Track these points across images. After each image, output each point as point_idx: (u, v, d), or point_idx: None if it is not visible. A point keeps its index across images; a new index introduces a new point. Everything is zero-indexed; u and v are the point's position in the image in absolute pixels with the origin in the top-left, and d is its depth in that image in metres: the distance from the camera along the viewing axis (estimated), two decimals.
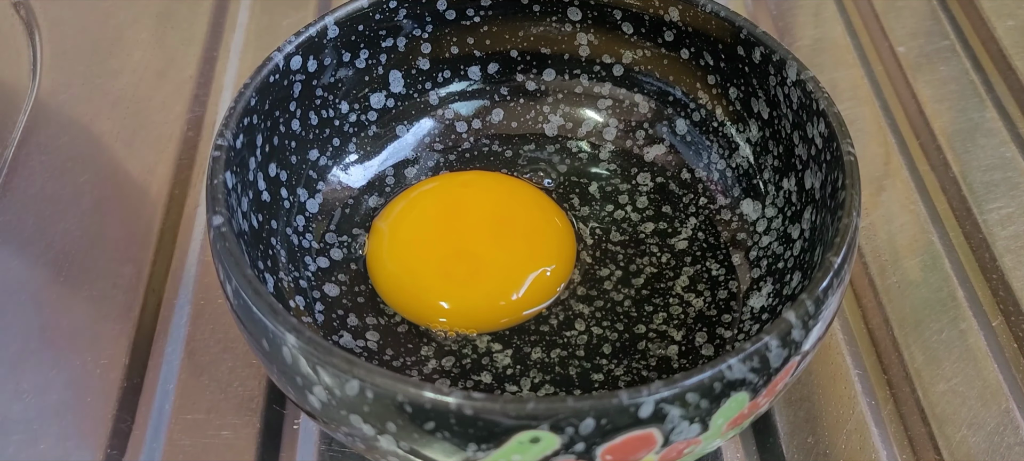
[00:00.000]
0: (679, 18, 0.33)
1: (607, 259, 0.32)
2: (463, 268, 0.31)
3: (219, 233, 0.25)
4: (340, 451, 0.30)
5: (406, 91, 0.35)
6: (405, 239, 0.32)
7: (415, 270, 0.31)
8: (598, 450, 0.22)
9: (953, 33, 0.45)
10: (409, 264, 0.31)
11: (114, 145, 0.39)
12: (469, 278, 0.31)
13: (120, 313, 0.34)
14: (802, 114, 0.30)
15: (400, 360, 0.29)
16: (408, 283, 0.31)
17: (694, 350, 0.30)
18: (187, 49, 0.43)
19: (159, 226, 0.36)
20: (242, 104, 0.29)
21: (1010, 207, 0.37)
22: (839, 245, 0.25)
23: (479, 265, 0.31)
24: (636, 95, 0.35)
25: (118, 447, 0.31)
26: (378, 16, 0.33)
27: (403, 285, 0.31)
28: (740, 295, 0.31)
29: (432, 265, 0.31)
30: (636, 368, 0.29)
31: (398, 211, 0.33)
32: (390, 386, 0.22)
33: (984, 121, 0.41)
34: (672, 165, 0.34)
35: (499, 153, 0.35)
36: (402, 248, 0.32)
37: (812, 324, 0.24)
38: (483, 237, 0.32)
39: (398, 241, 0.32)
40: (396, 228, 0.32)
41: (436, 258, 0.31)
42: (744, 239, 0.32)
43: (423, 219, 0.32)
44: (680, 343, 0.30)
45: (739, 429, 0.25)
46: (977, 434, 0.31)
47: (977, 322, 0.34)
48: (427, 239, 0.32)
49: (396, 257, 0.31)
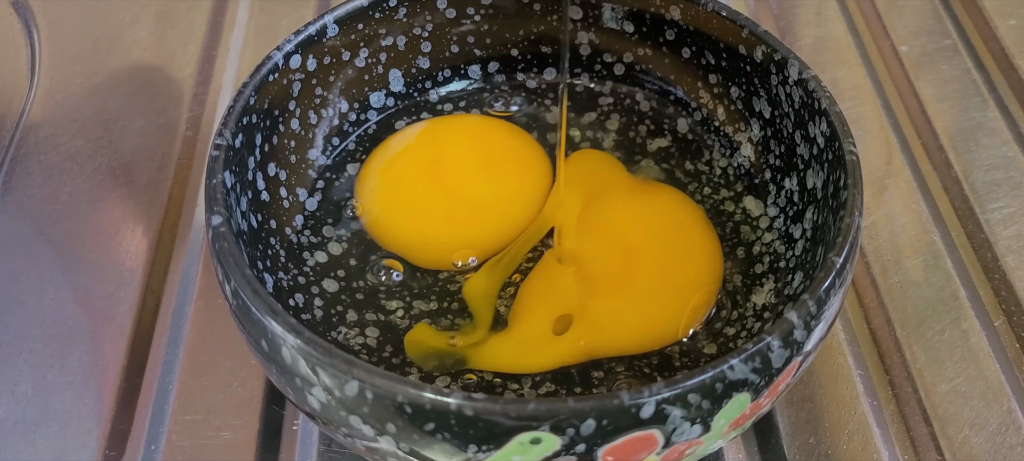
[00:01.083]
0: (680, 17, 0.33)
1: None
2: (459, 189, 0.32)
3: (218, 233, 0.25)
4: (340, 452, 0.30)
5: (406, 90, 0.35)
6: (400, 175, 0.33)
7: (418, 198, 0.32)
8: (599, 451, 0.22)
9: (955, 32, 0.45)
10: (410, 195, 0.32)
11: (113, 144, 0.39)
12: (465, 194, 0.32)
13: (119, 313, 0.33)
14: (804, 113, 0.30)
15: (400, 356, 0.29)
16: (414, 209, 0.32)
17: (696, 349, 0.30)
18: (186, 48, 0.43)
19: (158, 226, 0.36)
20: (241, 103, 0.29)
21: (1012, 207, 0.37)
22: (841, 245, 0.25)
23: (472, 190, 0.33)
24: (637, 94, 0.35)
25: (117, 448, 0.30)
26: (378, 15, 0.33)
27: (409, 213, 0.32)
28: (742, 292, 0.31)
29: (431, 193, 0.32)
30: (637, 366, 0.29)
31: (386, 156, 0.33)
32: (390, 387, 0.22)
33: (986, 120, 0.41)
34: (674, 161, 0.34)
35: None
36: (400, 181, 0.32)
37: (814, 324, 0.24)
38: (470, 171, 0.33)
39: (395, 176, 0.33)
40: (389, 168, 0.33)
41: (432, 187, 0.32)
42: (746, 235, 0.32)
43: (412, 158, 0.33)
44: (681, 340, 0.30)
45: (741, 430, 0.25)
46: (979, 434, 0.31)
47: (979, 322, 0.34)
48: (418, 175, 0.33)
49: (398, 190, 0.32)
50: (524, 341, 0.28)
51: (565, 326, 0.29)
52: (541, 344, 0.28)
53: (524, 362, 0.28)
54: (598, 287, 0.30)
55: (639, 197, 0.32)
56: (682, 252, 0.31)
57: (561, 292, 0.30)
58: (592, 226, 0.31)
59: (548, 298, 0.29)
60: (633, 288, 0.30)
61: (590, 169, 0.33)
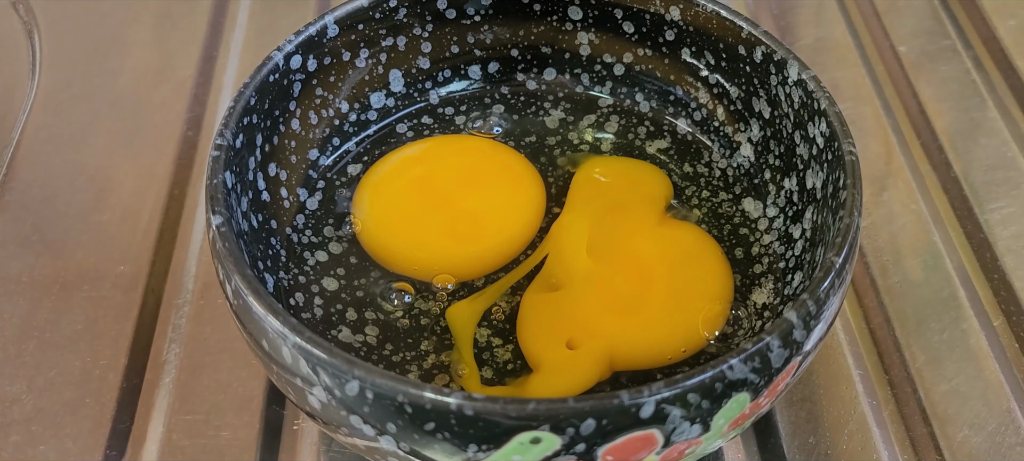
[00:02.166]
0: (680, 17, 0.33)
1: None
2: (451, 206, 0.32)
3: (219, 233, 0.25)
4: (340, 452, 0.30)
5: (406, 90, 0.35)
6: (395, 193, 0.33)
7: (410, 212, 0.32)
8: (599, 451, 0.22)
9: (954, 33, 0.45)
10: (404, 211, 0.32)
11: (113, 145, 0.39)
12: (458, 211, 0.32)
13: (119, 313, 0.33)
14: (803, 114, 0.30)
15: (400, 355, 0.29)
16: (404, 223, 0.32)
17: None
18: (186, 48, 0.43)
19: (159, 226, 0.36)
20: (242, 103, 0.29)
21: (1011, 207, 0.37)
22: (841, 245, 0.25)
23: (465, 209, 0.32)
24: (637, 94, 0.35)
25: (117, 448, 0.30)
26: (378, 15, 0.33)
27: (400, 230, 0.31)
28: (742, 292, 0.31)
29: (425, 209, 0.32)
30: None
31: (382, 173, 0.33)
32: (390, 386, 0.22)
33: (985, 121, 0.41)
34: (673, 160, 0.34)
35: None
36: (394, 199, 0.32)
37: (813, 324, 0.24)
38: (462, 188, 0.33)
39: (390, 194, 0.33)
40: (385, 186, 0.33)
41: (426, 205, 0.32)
42: (746, 235, 0.32)
43: (406, 178, 0.33)
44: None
45: (740, 430, 0.25)
46: (979, 434, 0.31)
47: (978, 322, 0.34)
48: (413, 193, 0.33)
49: (392, 208, 0.32)
50: (559, 374, 0.28)
51: (576, 347, 0.29)
52: (574, 371, 0.28)
53: (567, 390, 0.28)
54: (617, 304, 0.30)
55: (647, 218, 0.32)
56: (696, 267, 0.31)
57: (567, 317, 0.29)
58: (605, 248, 0.31)
59: (560, 325, 0.29)
60: (652, 303, 0.30)
61: (595, 190, 0.33)
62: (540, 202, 0.33)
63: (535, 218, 0.32)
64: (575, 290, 0.30)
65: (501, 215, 0.32)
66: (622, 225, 0.32)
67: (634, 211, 0.32)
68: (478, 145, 0.34)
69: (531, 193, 0.33)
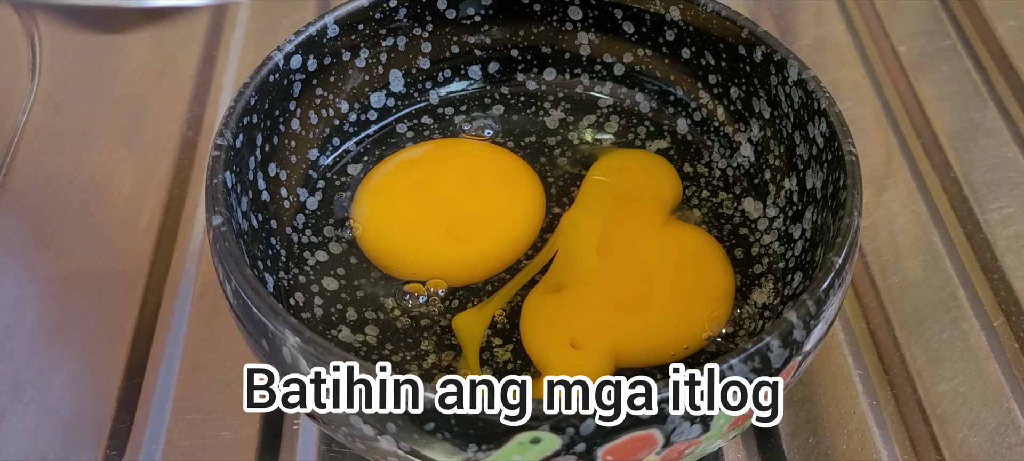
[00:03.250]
0: (680, 17, 0.33)
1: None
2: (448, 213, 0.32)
3: (219, 233, 0.25)
4: (340, 451, 0.30)
5: (406, 90, 0.35)
6: (395, 196, 0.32)
7: (406, 217, 0.32)
8: (599, 450, 0.22)
9: (954, 33, 0.45)
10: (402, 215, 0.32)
11: (114, 145, 0.39)
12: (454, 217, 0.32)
13: (119, 313, 0.33)
14: (803, 114, 0.30)
15: (399, 355, 0.29)
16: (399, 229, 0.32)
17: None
18: (186, 48, 0.43)
19: (159, 226, 0.36)
20: (242, 103, 0.29)
21: (1011, 207, 0.37)
22: (841, 245, 0.25)
23: (465, 214, 0.32)
24: (637, 95, 0.35)
25: (117, 447, 0.30)
26: (378, 15, 0.33)
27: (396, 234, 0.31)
28: (741, 292, 0.31)
29: (423, 214, 0.32)
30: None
31: (381, 178, 0.33)
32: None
33: (985, 121, 0.41)
34: (673, 160, 0.34)
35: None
36: (393, 202, 0.32)
37: (813, 324, 0.24)
38: (461, 193, 0.33)
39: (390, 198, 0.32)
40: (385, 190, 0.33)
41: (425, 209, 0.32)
42: (746, 235, 0.32)
43: (404, 183, 0.33)
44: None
45: (740, 430, 0.25)
46: (978, 434, 0.31)
47: (978, 322, 0.34)
48: (411, 198, 0.32)
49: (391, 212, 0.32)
50: (569, 375, 0.28)
51: (581, 346, 0.29)
52: (582, 371, 0.28)
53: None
54: (622, 303, 0.30)
55: (654, 219, 0.32)
56: (699, 268, 0.31)
57: (570, 317, 0.29)
58: (613, 247, 0.31)
59: (564, 325, 0.29)
60: (656, 302, 0.30)
61: (607, 186, 0.33)
62: (539, 205, 0.33)
63: (534, 221, 0.32)
64: (579, 290, 0.30)
65: (500, 219, 0.32)
66: (629, 225, 0.32)
67: (642, 211, 0.32)
68: (476, 149, 0.34)
69: (530, 196, 0.33)
